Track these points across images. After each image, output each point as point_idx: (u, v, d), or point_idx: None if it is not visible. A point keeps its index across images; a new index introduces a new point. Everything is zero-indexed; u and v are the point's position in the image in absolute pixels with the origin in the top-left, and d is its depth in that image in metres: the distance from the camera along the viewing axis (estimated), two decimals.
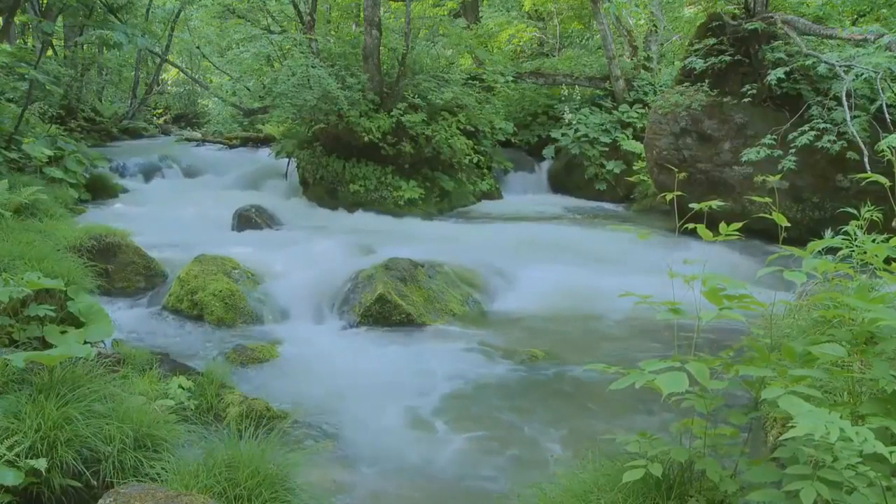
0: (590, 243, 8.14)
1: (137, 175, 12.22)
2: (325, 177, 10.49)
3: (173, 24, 16.63)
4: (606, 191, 12.03)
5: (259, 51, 11.52)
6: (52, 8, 10.49)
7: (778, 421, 3.06)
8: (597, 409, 4.20)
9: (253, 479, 2.64)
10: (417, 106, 10.50)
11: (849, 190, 7.72)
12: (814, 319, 3.41)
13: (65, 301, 4.09)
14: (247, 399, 3.95)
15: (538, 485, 2.68)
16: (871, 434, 1.72)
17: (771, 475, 2.17)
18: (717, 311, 2.33)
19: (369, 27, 10.28)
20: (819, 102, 7.92)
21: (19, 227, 5.46)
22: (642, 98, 12.57)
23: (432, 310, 5.91)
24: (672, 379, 2.11)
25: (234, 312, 5.66)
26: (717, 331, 4.96)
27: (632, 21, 14.42)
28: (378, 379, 4.62)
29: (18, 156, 8.06)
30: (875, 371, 2.14)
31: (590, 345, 5.36)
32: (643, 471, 2.24)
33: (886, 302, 2.23)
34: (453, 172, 11.16)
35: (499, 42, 16.40)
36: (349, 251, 7.27)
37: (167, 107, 22.16)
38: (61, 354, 3.06)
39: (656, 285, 2.71)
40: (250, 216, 8.88)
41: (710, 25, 9.11)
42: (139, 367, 3.98)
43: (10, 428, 2.68)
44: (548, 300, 6.21)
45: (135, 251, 6.27)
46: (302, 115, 10.49)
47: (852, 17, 9.88)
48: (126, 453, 2.80)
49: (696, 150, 8.78)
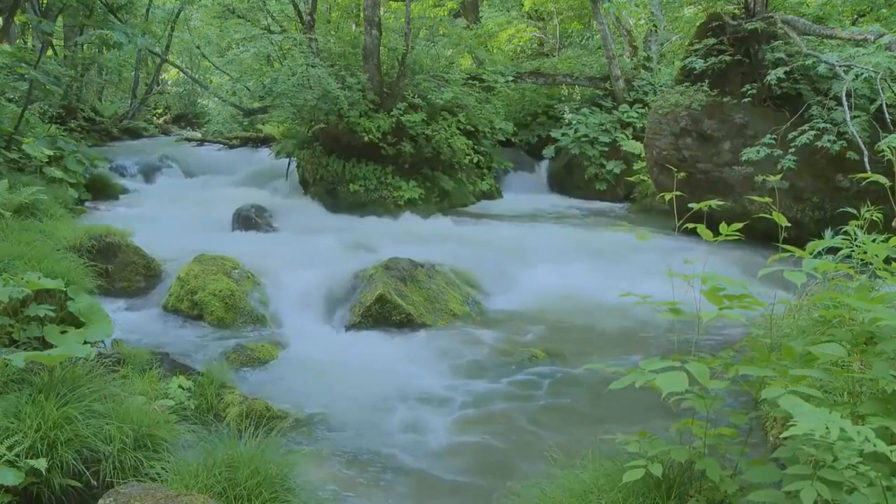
0: (590, 243, 8.14)
1: (137, 175, 12.22)
2: (325, 177, 10.49)
3: (173, 24, 16.63)
4: (606, 191, 12.03)
5: (259, 51, 11.52)
6: (52, 8, 10.48)
7: (778, 421, 3.06)
8: (597, 408, 4.20)
9: (253, 478, 2.64)
10: (417, 106, 10.50)
11: (849, 190, 7.72)
12: (814, 319, 3.41)
13: (65, 301, 4.08)
14: (247, 399, 3.94)
15: (538, 485, 2.68)
16: (872, 433, 1.72)
17: (771, 475, 2.17)
18: (718, 311, 2.34)
19: (369, 27, 10.28)
20: (819, 102, 7.92)
21: (19, 227, 5.46)
22: (642, 98, 12.58)
23: (432, 310, 5.90)
24: (672, 378, 2.11)
25: (234, 312, 5.66)
26: (718, 331, 4.96)
27: (632, 21, 14.42)
28: (378, 379, 4.62)
29: (18, 156, 8.06)
30: (875, 371, 2.14)
31: (590, 345, 5.36)
32: (643, 471, 2.24)
33: (886, 302, 2.23)
34: (453, 172, 11.16)
35: (499, 42, 16.41)
36: (349, 251, 7.27)
37: (167, 107, 22.13)
38: (61, 354, 3.06)
39: (656, 285, 2.71)
40: (250, 216, 8.87)
41: (710, 25, 9.11)
42: (139, 367, 3.98)
43: (10, 428, 2.68)
44: (548, 300, 6.21)
45: (135, 251, 6.27)
46: (302, 115, 10.49)
47: (852, 17, 9.88)
48: (126, 453, 2.80)
49: (696, 150, 8.77)
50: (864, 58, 6.96)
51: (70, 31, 13.97)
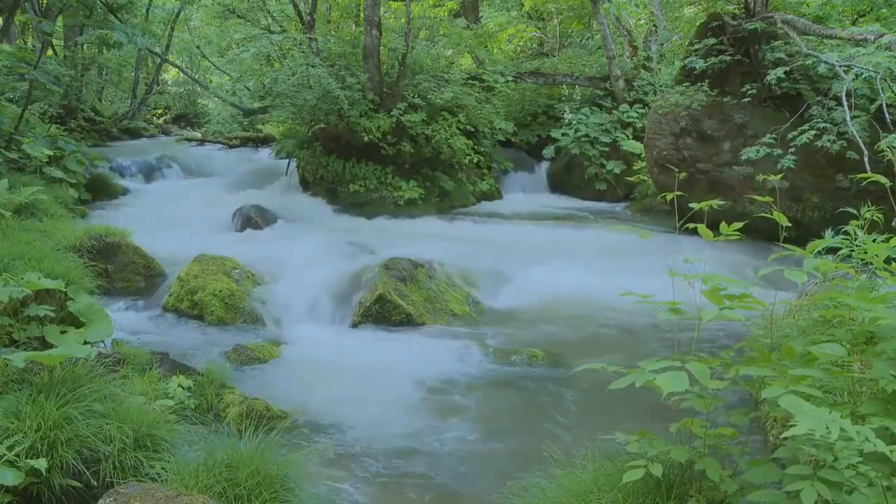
0: (590, 243, 8.14)
1: (137, 175, 12.21)
2: (325, 177, 10.49)
3: (173, 24, 16.63)
4: (606, 191, 12.03)
5: (259, 51, 11.52)
6: (52, 8, 10.48)
7: (778, 421, 3.06)
8: (597, 409, 4.19)
9: (253, 478, 2.65)
10: (417, 106, 10.49)
11: (849, 190, 7.72)
12: (814, 319, 3.41)
13: (65, 301, 4.08)
14: (247, 399, 3.95)
15: (538, 485, 2.68)
16: (872, 433, 1.71)
17: (771, 475, 2.17)
18: (718, 311, 2.33)
19: (369, 27, 10.28)
20: (819, 102, 7.92)
21: (19, 227, 5.46)
22: (642, 98, 12.57)
23: (432, 310, 5.90)
24: (672, 378, 2.11)
25: (234, 312, 5.66)
26: (719, 331, 4.96)
27: (632, 21, 14.41)
28: (378, 379, 4.62)
29: (18, 156, 8.06)
30: (875, 371, 2.14)
31: (590, 345, 5.36)
32: (643, 471, 2.24)
33: (886, 302, 2.23)
34: (453, 172, 11.16)
35: (499, 42, 16.41)
36: (349, 251, 7.27)
37: (167, 107, 22.12)
38: (61, 354, 3.05)
39: (656, 285, 2.71)
40: (250, 216, 8.88)
41: (710, 25, 9.10)
42: (139, 367, 3.98)
43: (10, 428, 2.68)
44: (548, 300, 6.21)
45: (135, 251, 6.27)
46: (302, 115, 10.49)
47: (852, 17, 9.88)
48: (126, 453, 2.80)
49: (696, 150, 8.78)
50: (864, 58, 6.95)
51: (70, 31, 13.96)
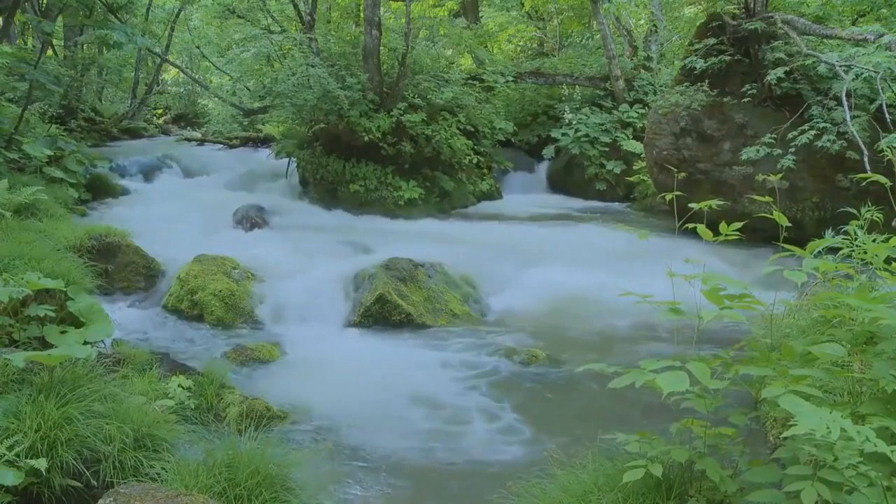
0: (590, 243, 8.14)
1: (137, 175, 12.19)
2: (326, 177, 10.48)
3: (173, 24, 16.63)
4: (606, 191, 12.02)
5: (259, 51, 11.52)
6: (52, 8, 10.48)
7: (778, 421, 3.06)
8: (597, 409, 4.20)
9: (253, 478, 2.65)
10: (417, 106, 10.49)
11: (849, 190, 7.72)
12: (814, 319, 3.41)
13: (65, 301, 4.08)
14: (247, 399, 3.95)
15: (538, 485, 2.67)
16: (872, 433, 1.71)
17: (771, 475, 2.16)
18: (718, 311, 2.33)
19: (369, 27, 10.28)
20: (819, 102, 7.92)
21: (19, 227, 5.46)
22: (642, 98, 12.57)
23: (432, 310, 5.90)
24: (672, 378, 2.11)
25: (233, 312, 5.66)
26: (719, 331, 4.96)
27: (632, 21, 14.42)
28: (378, 379, 4.62)
29: (18, 156, 8.06)
30: (875, 371, 2.14)
31: (590, 345, 5.36)
32: (643, 471, 2.23)
33: (886, 302, 2.23)
34: (453, 172, 11.16)
35: (499, 42, 16.41)
36: (349, 251, 7.27)
37: (167, 107, 22.11)
38: (61, 354, 3.05)
39: (656, 285, 2.70)
40: (250, 216, 8.87)
41: (710, 25, 9.11)
42: (139, 367, 3.98)
43: (10, 428, 2.68)
44: (548, 300, 6.21)
45: (135, 251, 6.27)
46: (302, 115, 10.49)
47: (852, 17, 9.88)
48: (126, 453, 2.80)
49: (696, 150, 8.77)
50: (864, 58, 6.96)
51: (70, 31, 13.96)
